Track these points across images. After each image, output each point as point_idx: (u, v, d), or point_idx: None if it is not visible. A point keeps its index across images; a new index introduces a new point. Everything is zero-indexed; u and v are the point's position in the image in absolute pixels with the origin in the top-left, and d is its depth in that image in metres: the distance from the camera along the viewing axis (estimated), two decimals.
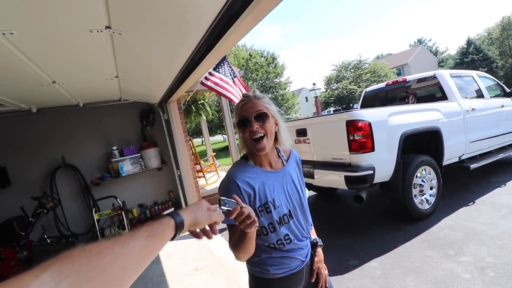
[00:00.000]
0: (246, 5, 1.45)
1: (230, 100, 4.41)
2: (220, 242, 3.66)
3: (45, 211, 3.46)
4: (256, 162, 1.11)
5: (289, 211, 1.10)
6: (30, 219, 3.39)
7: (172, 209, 0.88)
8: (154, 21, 1.65)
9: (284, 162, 1.18)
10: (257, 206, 1.04)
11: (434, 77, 4.21)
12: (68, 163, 4.17)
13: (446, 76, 4.13)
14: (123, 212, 3.90)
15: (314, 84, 12.81)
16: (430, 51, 44.59)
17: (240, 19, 1.55)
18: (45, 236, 3.72)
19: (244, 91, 4.42)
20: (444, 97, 4.09)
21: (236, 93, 4.38)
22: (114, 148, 4.30)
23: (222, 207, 0.78)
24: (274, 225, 1.06)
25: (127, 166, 4.33)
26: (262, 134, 1.04)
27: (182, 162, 4.40)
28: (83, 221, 4.30)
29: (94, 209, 4.00)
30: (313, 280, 1.19)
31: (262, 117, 1.05)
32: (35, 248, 3.33)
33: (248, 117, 1.04)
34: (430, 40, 59.58)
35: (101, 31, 1.65)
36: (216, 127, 16.80)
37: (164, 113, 4.39)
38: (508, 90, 4.83)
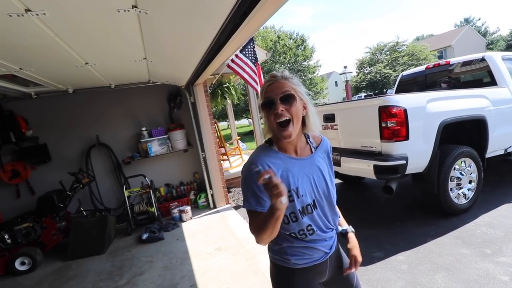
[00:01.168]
0: None
1: (252, 87, 4.33)
2: (242, 224, 3.72)
3: (81, 186, 3.72)
4: (281, 148, 1.04)
5: (314, 201, 1.03)
6: (68, 192, 3.67)
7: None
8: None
9: (313, 149, 1.09)
10: None
11: (483, 59, 3.77)
12: (102, 142, 4.41)
13: (497, 59, 3.67)
14: (151, 190, 4.08)
15: (345, 67, 12.21)
16: (479, 32, 40.12)
17: None
18: (82, 209, 4.03)
19: (261, 80, 4.33)
20: (493, 83, 3.67)
21: (257, 79, 4.29)
22: (144, 129, 4.46)
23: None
24: (296, 214, 1.00)
25: (155, 147, 4.49)
26: (287, 118, 0.95)
27: (207, 144, 4.46)
28: (115, 196, 4.58)
29: (125, 186, 4.23)
30: (347, 273, 1.13)
31: (289, 99, 0.96)
32: (72, 219, 3.62)
33: (274, 99, 0.96)
34: (480, 19, 53.63)
35: (128, 10, 1.63)
36: (242, 111, 16.82)
37: (191, 96, 4.43)
38: None
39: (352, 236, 1.17)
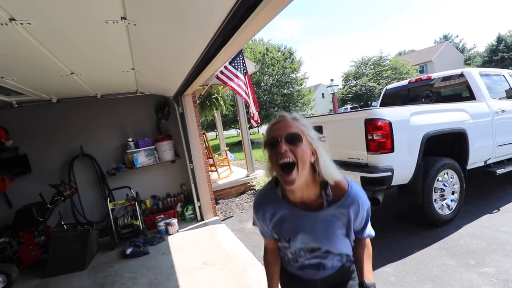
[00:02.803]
0: None
1: (241, 96, 4.39)
2: (231, 237, 3.66)
3: (63, 198, 3.57)
4: (284, 194, 0.97)
5: (312, 249, 0.98)
6: (48, 205, 3.51)
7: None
8: (169, 12, 1.61)
9: (325, 204, 0.95)
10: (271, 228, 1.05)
11: (462, 75, 3.96)
12: (86, 153, 4.29)
13: (475, 75, 3.87)
14: (136, 202, 3.97)
15: (332, 80, 12.52)
16: (457, 48, 42.37)
17: (257, 10, 1.48)
18: (62, 223, 3.85)
19: (253, 90, 4.40)
20: (471, 97, 3.85)
21: (247, 91, 4.35)
22: (130, 139, 4.37)
23: None
24: (290, 251, 1.05)
25: (141, 158, 4.40)
26: (291, 160, 0.86)
27: (195, 155, 4.41)
28: (98, 209, 4.42)
29: (109, 198, 4.10)
30: None
31: (294, 139, 0.88)
32: (52, 234, 3.45)
33: (278, 137, 0.88)
34: (457, 36, 56.79)
35: (116, 22, 1.63)
36: (231, 121, 16.82)
37: (179, 106, 4.40)
38: None
39: None
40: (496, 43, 29.41)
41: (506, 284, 2.14)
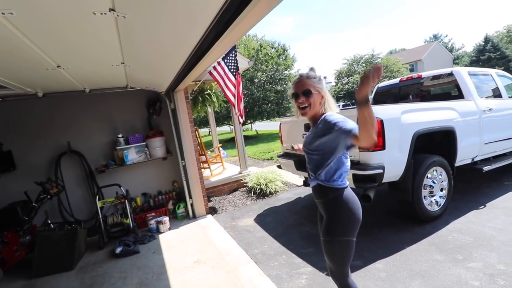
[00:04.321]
0: None
1: (229, 100, 4.32)
2: (223, 234, 3.64)
3: (49, 196, 3.47)
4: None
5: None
6: (33, 204, 3.41)
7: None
8: (160, 5, 1.56)
9: (316, 123, 1.56)
10: None
11: (451, 74, 4.03)
12: (74, 149, 4.17)
13: (463, 74, 3.94)
14: (126, 200, 3.90)
15: (325, 77, 12.57)
16: (446, 48, 43.20)
17: (252, 4, 1.44)
18: (49, 221, 3.74)
19: (239, 89, 4.35)
20: (460, 96, 3.92)
21: (234, 90, 4.29)
22: (120, 136, 4.28)
23: None
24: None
25: (132, 155, 4.31)
26: (306, 105, 1.50)
27: (187, 152, 4.36)
28: (87, 207, 4.32)
29: (98, 196, 4.01)
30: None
31: (308, 93, 1.49)
32: (38, 233, 3.35)
33: (298, 92, 1.51)
34: (446, 36, 57.78)
35: (105, 13, 1.56)
36: (224, 118, 16.67)
37: (171, 102, 4.33)
38: None
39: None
40: (483, 43, 30.07)
41: (492, 279, 2.20)
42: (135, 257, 3.31)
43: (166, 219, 4.05)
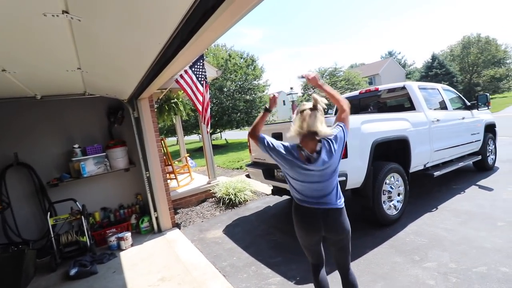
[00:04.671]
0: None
1: (196, 108, 4.29)
2: (190, 249, 3.50)
3: None
4: None
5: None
6: None
7: None
8: (119, 10, 1.50)
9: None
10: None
11: (404, 88, 4.39)
12: (21, 161, 3.77)
13: (414, 88, 4.32)
14: (82, 216, 3.59)
15: (291, 88, 12.96)
16: (399, 63, 47.36)
17: (216, 14, 1.44)
18: None
19: (205, 97, 4.34)
20: (412, 108, 4.27)
21: (201, 99, 4.27)
22: (76, 146, 3.96)
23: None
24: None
25: (90, 166, 4.01)
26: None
27: (152, 163, 4.17)
28: (36, 226, 3.89)
29: (49, 213, 3.63)
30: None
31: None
32: None
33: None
34: (400, 53, 63.60)
35: (57, 15, 1.46)
36: (192, 126, 16.33)
37: (134, 111, 4.13)
38: (468, 103, 5.17)
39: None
40: (431, 60, 33.47)
41: (445, 277, 2.37)
42: (93, 279, 3.03)
43: (128, 234, 3.80)
